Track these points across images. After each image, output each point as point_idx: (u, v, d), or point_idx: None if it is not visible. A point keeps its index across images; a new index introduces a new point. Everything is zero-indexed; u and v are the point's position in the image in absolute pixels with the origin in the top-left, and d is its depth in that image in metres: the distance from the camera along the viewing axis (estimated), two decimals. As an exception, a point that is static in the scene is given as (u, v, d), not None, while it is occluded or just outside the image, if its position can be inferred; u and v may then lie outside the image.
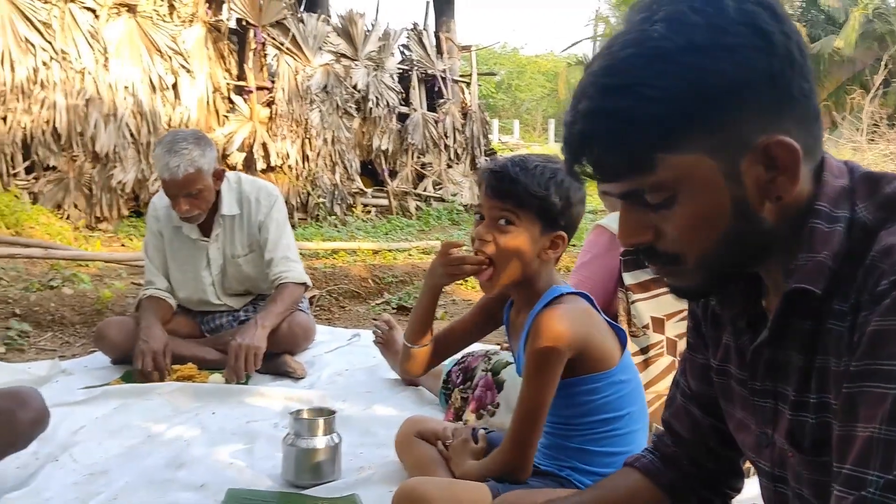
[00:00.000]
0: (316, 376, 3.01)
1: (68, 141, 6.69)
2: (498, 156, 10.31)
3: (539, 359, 1.55)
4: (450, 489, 1.58)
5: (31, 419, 1.91)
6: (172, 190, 2.87)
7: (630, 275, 2.00)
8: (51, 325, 3.61)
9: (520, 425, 1.59)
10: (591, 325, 1.59)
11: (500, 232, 1.58)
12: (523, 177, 1.57)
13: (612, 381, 1.59)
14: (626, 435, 1.62)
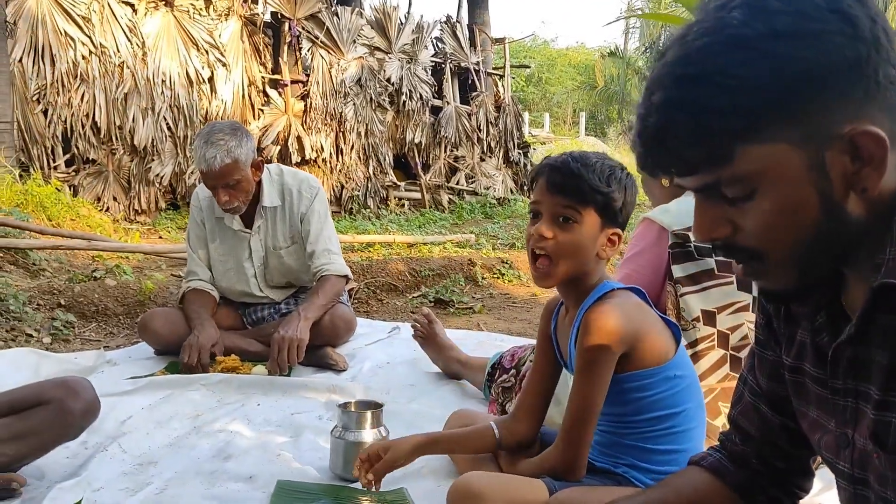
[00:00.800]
0: (357, 368, 3.00)
1: (108, 134, 6.78)
2: (531, 149, 10.26)
3: (590, 356, 1.51)
4: (506, 485, 1.55)
5: (82, 409, 1.92)
6: (210, 181, 2.88)
7: (679, 267, 1.95)
8: (95, 316, 3.65)
9: (572, 425, 1.55)
10: (643, 320, 1.55)
11: (561, 229, 1.54)
12: (586, 172, 1.53)
13: (666, 376, 1.55)
14: (684, 432, 1.57)
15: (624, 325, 1.50)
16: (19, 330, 3.26)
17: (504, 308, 4.33)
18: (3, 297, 3.42)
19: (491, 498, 1.49)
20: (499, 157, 9.72)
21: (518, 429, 1.73)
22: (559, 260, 1.55)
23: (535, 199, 1.59)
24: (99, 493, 1.91)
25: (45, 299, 3.60)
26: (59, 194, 5.87)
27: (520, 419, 1.74)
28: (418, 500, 1.89)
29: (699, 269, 1.92)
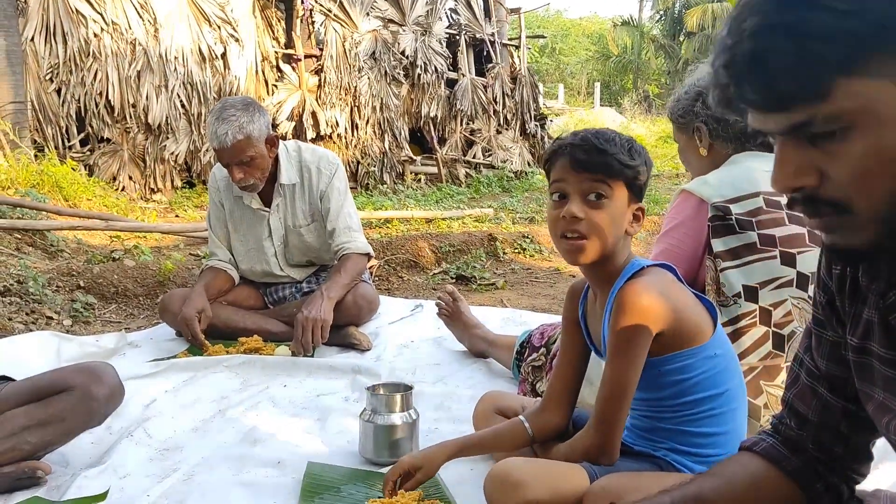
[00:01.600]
0: (382, 348, 2.95)
1: (121, 113, 6.73)
2: (548, 120, 10.11)
3: (625, 336, 1.44)
4: (547, 472, 1.49)
5: (106, 395, 1.88)
6: (224, 158, 2.83)
7: (720, 241, 1.87)
8: (115, 298, 3.62)
9: (605, 407, 1.49)
10: (679, 298, 1.48)
11: (593, 207, 1.47)
12: (611, 147, 1.47)
13: (706, 356, 1.47)
14: (726, 413, 1.50)
15: (660, 302, 1.43)
16: (39, 313, 3.23)
17: (527, 283, 4.26)
18: (22, 279, 3.38)
19: (531, 486, 1.44)
20: (515, 130, 9.58)
21: (549, 420, 1.68)
22: (593, 238, 1.48)
23: (557, 178, 1.50)
24: (125, 481, 1.88)
25: (65, 281, 3.57)
26: (75, 174, 5.84)
27: (549, 410, 1.68)
28: (451, 485, 1.84)
29: (740, 243, 1.84)
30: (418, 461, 1.67)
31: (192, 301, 2.87)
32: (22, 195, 4.86)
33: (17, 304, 3.22)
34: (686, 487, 1.15)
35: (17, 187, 5.14)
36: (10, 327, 3.00)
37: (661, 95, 25.06)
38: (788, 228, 1.84)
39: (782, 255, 1.83)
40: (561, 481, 1.46)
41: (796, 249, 1.83)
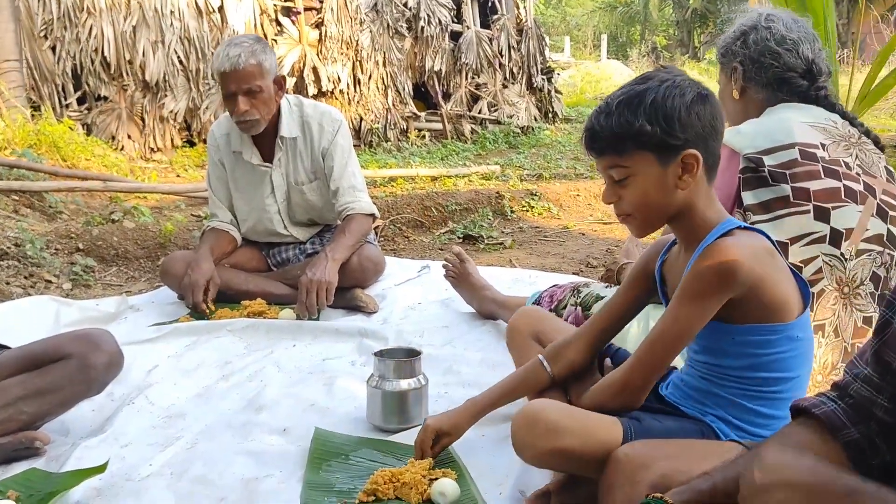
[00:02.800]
0: (388, 310, 2.88)
1: (118, 70, 6.58)
2: (555, 76, 9.88)
3: (699, 282, 1.34)
4: (580, 419, 1.41)
5: (104, 363, 1.82)
6: (232, 83, 2.72)
7: (751, 193, 1.79)
8: (115, 260, 3.55)
9: (650, 348, 1.40)
10: (771, 265, 1.36)
11: (621, 187, 1.40)
12: (608, 122, 1.38)
13: (790, 335, 1.37)
14: (786, 400, 1.38)
15: (747, 262, 1.31)
16: (38, 276, 3.16)
17: (536, 242, 4.17)
18: (20, 242, 3.31)
19: (565, 431, 1.37)
20: (522, 84, 9.37)
21: (571, 358, 1.60)
22: (638, 215, 1.42)
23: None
24: (127, 450, 1.83)
25: (63, 243, 3.49)
26: (73, 133, 5.72)
27: (576, 348, 1.61)
28: (462, 452, 1.78)
29: (773, 196, 1.76)
30: (445, 427, 1.64)
31: (200, 266, 2.78)
32: (18, 156, 4.76)
33: (15, 267, 3.15)
34: (729, 469, 1.08)
35: (14, 148, 5.04)
36: (7, 291, 2.94)
37: (668, 47, 24.62)
38: (824, 182, 1.76)
39: (816, 210, 1.74)
40: (594, 431, 1.38)
41: (831, 204, 1.74)
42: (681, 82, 1.38)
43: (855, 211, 1.76)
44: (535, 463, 1.45)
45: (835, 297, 1.73)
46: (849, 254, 1.73)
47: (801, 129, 1.83)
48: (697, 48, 23.95)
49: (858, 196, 1.77)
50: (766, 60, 1.92)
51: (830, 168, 1.78)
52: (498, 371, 2.18)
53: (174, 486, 1.66)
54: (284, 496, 1.61)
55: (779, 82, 1.92)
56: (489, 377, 2.20)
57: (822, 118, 1.88)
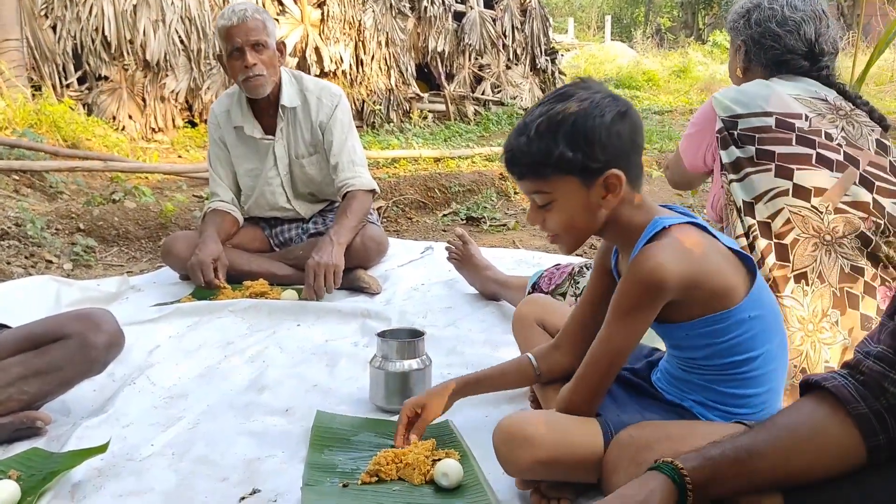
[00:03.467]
0: (391, 291, 2.86)
1: (118, 49, 6.53)
2: (559, 57, 9.80)
3: (626, 302, 1.34)
4: (558, 428, 1.41)
5: (105, 343, 1.81)
6: (239, 36, 2.74)
7: (725, 153, 1.85)
8: (116, 240, 3.53)
9: (588, 368, 1.41)
10: (702, 260, 1.34)
11: (546, 210, 1.41)
12: (528, 148, 1.36)
13: (739, 319, 1.36)
14: (762, 375, 1.40)
15: (675, 268, 1.30)
16: (39, 256, 3.14)
17: (539, 223, 4.15)
18: (20, 221, 3.29)
19: (543, 443, 1.38)
20: (525, 65, 9.29)
21: (558, 360, 1.62)
22: (565, 235, 1.44)
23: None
24: (128, 430, 1.82)
25: (64, 223, 3.48)
26: (73, 113, 5.68)
27: (561, 349, 1.62)
28: (466, 432, 1.77)
29: (741, 156, 1.83)
30: (422, 400, 1.64)
31: (206, 245, 2.78)
32: (19, 135, 4.73)
33: (16, 247, 3.14)
34: (739, 439, 1.08)
35: (14, 127, 5.01)
36: (8, 271, 2.92)
37: (672, 29, 24.42)
38: (793, 148, 1.80)
39: (777, 169, 1.79)
40: (572, 437, 1.39)
41: (795, 166, 1.78)
42: (600, 101, 1.36)
43: (828, 176, 1.78)
44: (519, 476, 1.47)
45: (814, 244, 1.75)
46: (823, 208, 1.75)
47: (785, 100, 1.86)
48: (702, 30, 23.74)
49: (835, 164, 1.79)
50: (766, 42, 1.95)
51: (806, 137, 1.80)
52: (501, 352, 2.18)
53: (176, 466, 1.66)
54: (287, 476, 1.60)
55: (778, 64, 1.96)
56: (492, 358, 2.20)
57: (812, 91, 1.91)
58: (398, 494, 1.50)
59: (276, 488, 1.55)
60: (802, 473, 1.04)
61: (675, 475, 1.05)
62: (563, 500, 1.46)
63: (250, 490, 1.55)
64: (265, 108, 2.94)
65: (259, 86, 2.82)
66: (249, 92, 2.86)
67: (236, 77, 2.83)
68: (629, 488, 1.08)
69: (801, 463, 1.04)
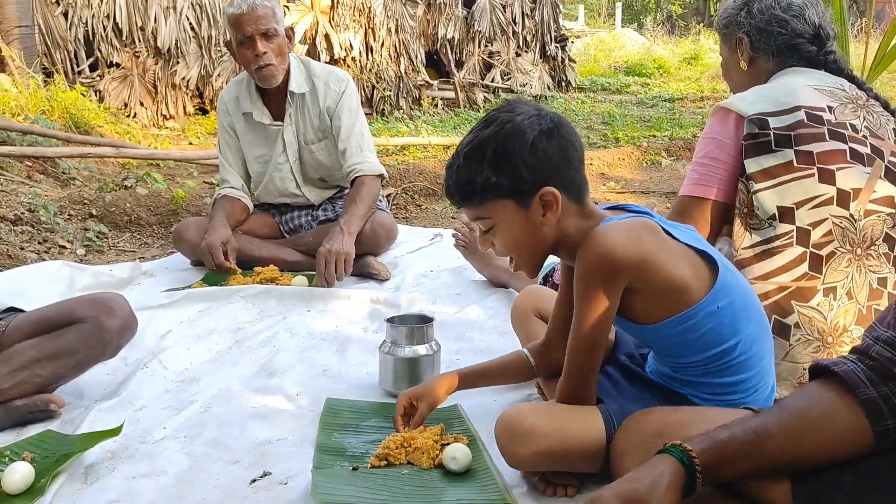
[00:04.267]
0: (401, 278, 2.87)
1: (130, 36, 6.55)
2: (569, 44, 9.74)
3: (586, 277, 1.34)
4: (558, 420, 1.42)
5: (118, 327, 1.83)
6: (249, 25, 2.75)
7: (753, 161, 1.75)
8: (128, 226, 3.55)
9: (572, 356, 1.42)
10: (657, 244, 1.35)
11: (492, 234, 1.43)
12: (458, 178, 1.39)
13: (707, 312, 1.36)
14: (745, 361, 1.40)
15: (624, 246, 1.31)
16: (52, 241, 3.17)
17: (548, 211, 4.15)
18: (33, 207, 3.32)
19: (544, 435, 1.39)
20: (535, 52, 9.26)
21: (552, 356, 1.62)
22: (517, 257, 1.46)
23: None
24: (141, 413, 1.84)
25: (77, 209, 3.50)
26: (85, 100, 5.71)
27: (552, 345, 1.62)
28: (474, 418, 1.79)
29: (776, 162, 1.72)
30: (418, 391, 1.64)
31: (216, 230, 2.80)
32: (31, 122, 4.76)
33: (29, 232, 3.16)
34: (748, 422, 1.09)
35: (27, 114, 5.04)
36: (22, 256, 2.95)
37: (684, 16, 24.22)
38: (828, 144, 1.73)
39: (820, 173, 1.71)
40: (573, 428, 1.41)
41: (835, 166, 1.72)
42: (521, 122, 1.35)
43: (862, 172, 1.74)
44: (521, 467, 1.48)
45: (848, 260, 1.71)
46: (857, 214, 1.72)
47: (806, 92, 1.81)
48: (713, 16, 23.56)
49: (865, 158, 1.75)
50: (773, 28, 1.90)
51: (836, 131, 1.75)
52: (509, 339, 2.18)
53: (188, 449, 1.68)
54: (297, 459, 1.62)
55: (788, 49, 1.90)
56: (500, 344, 2.21)
57: (829, 82, 1.86)
58: (407, 478, 1.51)
59: (287, 471, 1.57)
60: (810, 457, 1.05)
61: (683, 457, 1.05)
62: (569, 486, 1.48)
63: (261, 473, 1.57)
64: (274, 95, 2.95)
65: (271, 76, 2.84)
66: (261, 81, 2.87)
67: (247, 66, 2.84)
68: (637, 471, 1.08)
69: (810, 446, 1.04)
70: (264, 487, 1.51)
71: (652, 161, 5.45)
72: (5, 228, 3.13)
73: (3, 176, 3.85)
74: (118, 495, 1.50)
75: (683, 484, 1.05)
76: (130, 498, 1.49)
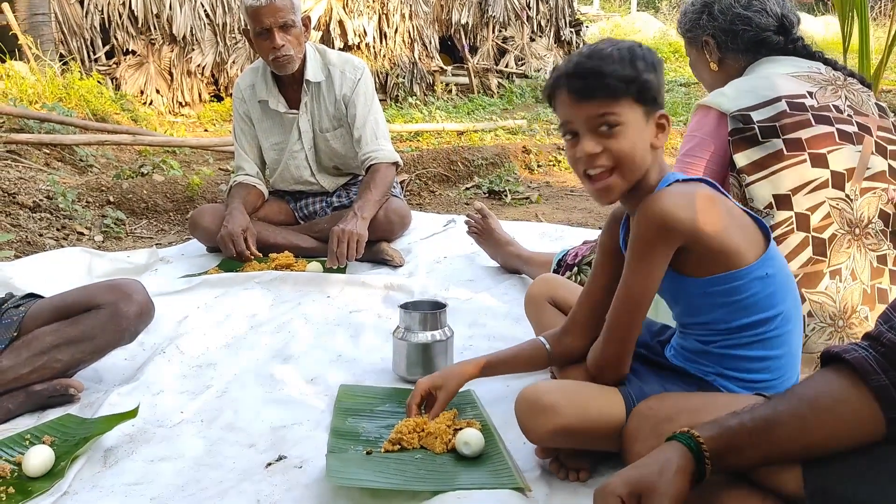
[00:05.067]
0: (414, 264, 2.88)
1: (145, 23, 6.57)
2: (584, 26, 9.67)
3: (639, 244, 1.35)
4: (578, 396, 1.43)
5: (135, 312, 1.85)
6: (267, 17, 2.76)
7: (742, 155, 1.76)
8: (145, 213, 3.59)
9: (615, 318, 1.42)
10: (711, 209, 1.35)
11: (607, 137, 1.35)
12: (606, 65, 1.34)
13: (756, 276, 1.36)
14: (779, 337, 1.40)
15: (680, 210, 1.31)
16: (70, 228, 3.21)
17: (562, 197, 4.14)
18: (52, 194, 3.36)
19: (563, 412, 1.40)
20: (549, 37, 9.19)
21: (570, 343, 1.62)
22: (622, 168, 1.37)
23: (563, 118, 1.40)
24: (159, 397, 1.87)
25: (94, 196, 3.54)
26: (102, 87, 5.75)
27: (572, 333, 1.62)
28: (487, 403, 1.80)
29: (766, 153, 1.74)
30: (437, 381, 1.64)
31: (234, 217, 2.81)
32: (49, 109, 4.80)
33: (48, 219, 3.20)
34: (758, 409, 1.09)
35: (44, 101, 5.08)
36: (41, 243, 2.99)
37: None
38: (815, 129, 1.74)
39: (812, 158, 1.73)
40: (593, 406, 1.42)
41: (826, 149, 1.73)
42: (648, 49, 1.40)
43: (853, 152, 1.75)
44: (541, 443, 1.49)
45: (848, 241, 1.72)
46: (853, 194, 1.72)
47: (784, 81, 1.81)
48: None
49: (854, 137, 1.76)
50: (738, 27, 1.91)
51: (821, 114, 1.76)
52: (522, 325, 2.19)
53: (204, 433, 1.70)
54: (312, 443, 1.64)
55: (756, 45, 1.91)
56: (514, 330, 2.22)
57: (804, 66, 1.87)
58: (420, 462, 1.53)
59: (302, 455, 1.59)
60: (821, 445, 1.05)
61: (692, 444, 1.06)
62: (582, 470, 1.49)
63: (276, 456, 1.59)
64: (289, 83, 2.96)
65: (287, 64, 2.85)
66: (277, 70, 2.88)
67: (264, 56, 2.86)
68: (647, 458, 1.09)
69: (821, 434, 1.04)
70: (279, 471, 1.53)
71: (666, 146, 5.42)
72: (24, 215, 3.17)
73: (21, 163, 3.90)
74: (136, 478, 1.53)
75: (693, 471, 1.05)
76: (148, 480, 1.52)
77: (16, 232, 2.99)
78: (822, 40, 11.18)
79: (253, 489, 1.47)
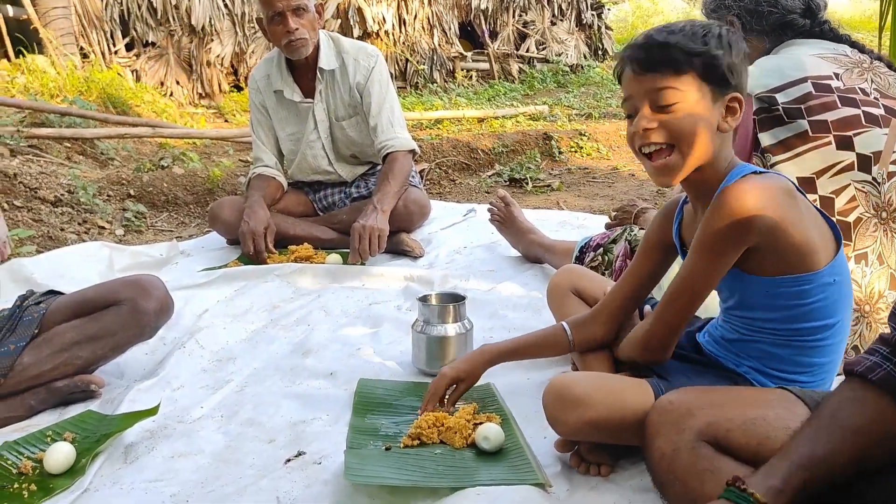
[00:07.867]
0: (434, 255, 2.86)
1: (164, 15, 6.59)
2: (606, 9, 9.54)
3: (712, 232, 1.28)
4: (608, 388, 1.40)
5: (154, 308, 1.85)
6: (281, 2, 2.76)
7: (767, 134, 1.75)
8: (165, 206, 3.60)
9: (670, 302, 1.38)
10: (791, 208, 1.28)
11: (665, 113, 1.30)
12: (673, 38, 1.29)
13: (824, 282, 1.30)
14: (832, 346, 1.35)
15: (762, 208, 1.24)
16: (91, 222, 3.23)
17: (584, 184, 4.09)
18: (73, 188, 3.38)
19: (593, 403, 1.36)
20: (571, 21, 9.09)
21: (593, 332, 1.59)
22: (681, 145, 1.31)
23: (625, 94, 1.35)
24: (179, 392, 1.87)
25: (115, 190, 3.55)
26: (122, 80, 5.78)
27: (597, 321, 1.59)
28: (507, 395, 1.78)
29: (791, 134, 1.72)
30: (461, 372, 1.62)
31: (255, 213, 2.80)
32: (69, 103, 4.83)
33: (69, 214, 3.22)
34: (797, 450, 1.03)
35: (65, 95, 5.11)
36: (63, 237, 3.01)
37: (725, -22, 23.52)
38: (841, 111, 1.72)
39: (837, 140, 1.70)
40: (623, 398, 1.38)
41: (852, 132, 1.70)
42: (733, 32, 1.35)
43: (880, 134, 1.71)
44: (568, 436, 1.45)
45: (874, 224, 1.69)
46: (881, 177, 1.68)
47: (811, 61, 1.78)
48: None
49: (880, 120, 1.73)
50: (763, 8, 1.88)
51: (847, 97, 1.73)
52: (543, 315, 2.17)
53: (224, 428, 1.70)
54: (331, 439, 1.62)
55: (782, 27, 1.88)
56: (534, 321, 2.19)
57: (831, 48, 1.84)
58: (440, 457, 1.51)
59: (321, 451, 1.58)
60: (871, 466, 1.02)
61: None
62: (603, 465, 1.46)
63: (296, 452, 1.58)
64: (304, 72, 2.95)
65: (301, 47, 2.83)
66: (290, 53, 2.86)
67: (278, 41, 2.84)
68: None
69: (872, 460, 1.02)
70: (298, 467, 1.52)
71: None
72: (46, 210, 3.19)
73: (43, 158, 3.92)
74: (157, 474, 1.52)
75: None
76: (169, 477, 1.52)
77: (37, 227, 3.01)
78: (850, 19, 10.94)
79: (272, 486, 1.46)
